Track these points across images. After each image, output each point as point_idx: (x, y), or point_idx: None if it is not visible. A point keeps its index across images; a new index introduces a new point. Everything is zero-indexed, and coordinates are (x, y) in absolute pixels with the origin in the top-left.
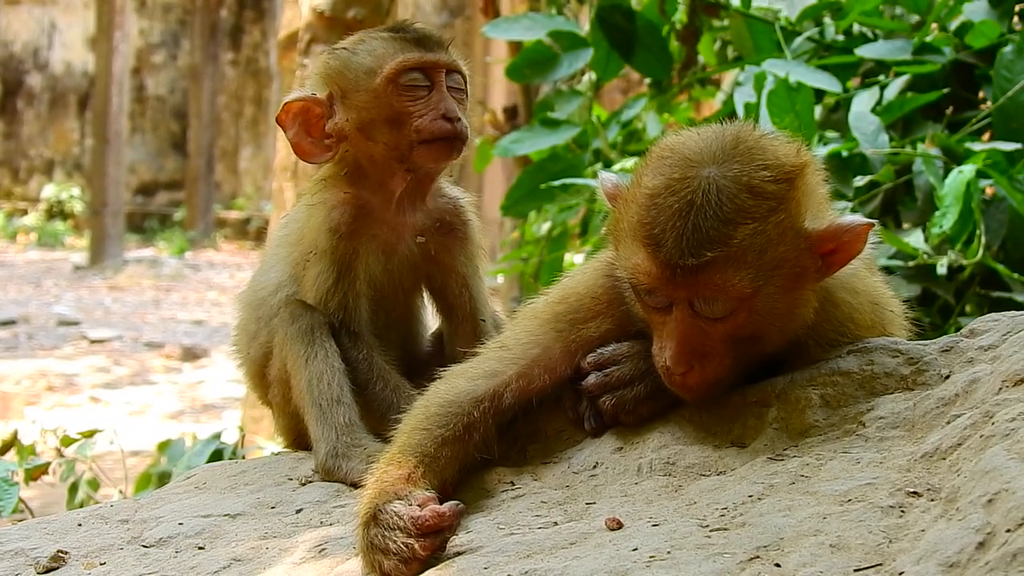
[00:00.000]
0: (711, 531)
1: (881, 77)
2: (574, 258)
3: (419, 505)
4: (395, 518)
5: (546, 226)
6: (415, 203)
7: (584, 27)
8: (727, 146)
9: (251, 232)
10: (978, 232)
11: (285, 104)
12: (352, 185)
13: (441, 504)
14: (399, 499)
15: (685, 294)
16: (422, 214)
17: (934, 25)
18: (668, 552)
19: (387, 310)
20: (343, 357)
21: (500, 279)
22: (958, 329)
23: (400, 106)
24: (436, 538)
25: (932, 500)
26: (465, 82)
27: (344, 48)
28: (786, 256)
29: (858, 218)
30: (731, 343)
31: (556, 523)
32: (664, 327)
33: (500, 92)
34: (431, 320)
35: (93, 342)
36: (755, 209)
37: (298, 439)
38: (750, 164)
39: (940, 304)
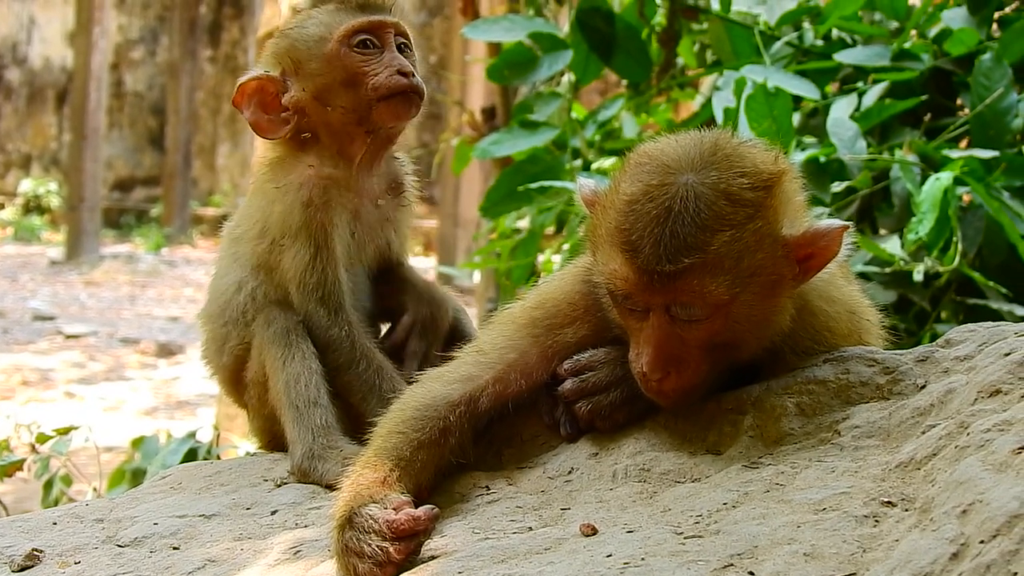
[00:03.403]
0: (685, 538)
1: (859, 83)
2: (551, 257)
3: (394, 509)
4: (370, 521)
5: (521, 223)
6: (372, 167)
7: (564, 29)
8: (705, 153)
9: None
10: (955, 239)
11: (240, 85)
12: (314, 159)
13: (416, 508)
14: (374, 503)
15: (662, 300)
16: (378, 178)
17: (913, 32)
18: (642, 559)
19: (353, 279)
20: (324, 337)
21: (476, 277)
22: (934, 336)
23: (354, 66)
24: (411, 542)
25: (906, 510)
26: (410, 43)
27: (293, 26)
28: (763, 263)
29: (834, 222)
30: (707, 350)
31: (531, 528)
32: (641, 333)
33: (478, 93)
34: None
35: (68, 337)
36: (733, 216)
37: (273, 441)
38: (728, 171)
39: (916, 311)
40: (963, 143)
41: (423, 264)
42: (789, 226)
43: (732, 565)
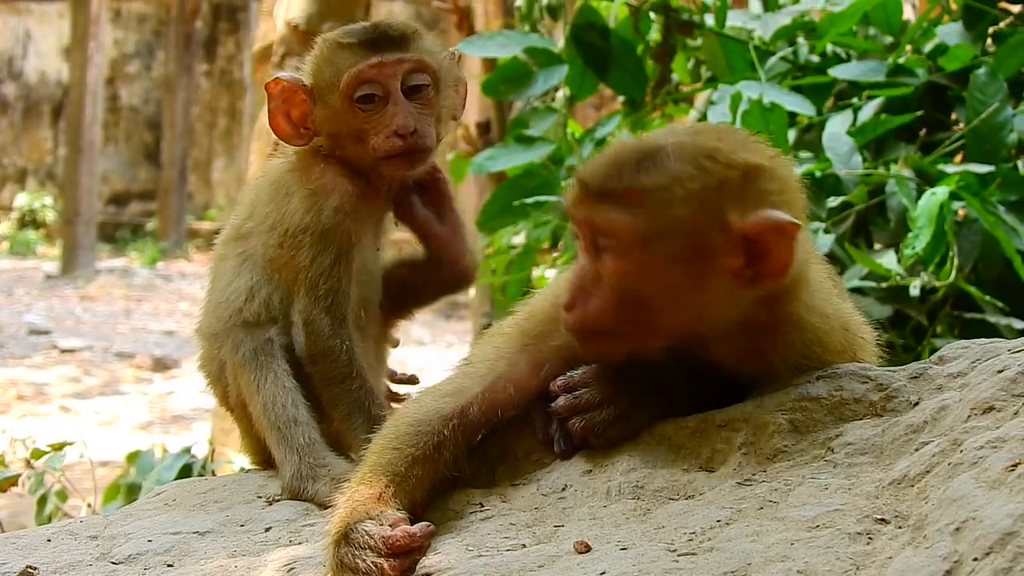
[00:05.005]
0: (679, 555)
1: (855, 98)
2: (546, 272)
3: (390, 525)
4: (366, 537)
5: (516, 238)
6: (392, 188)
7: (559, 44)
8: (700, 127)
9: None
10: (951, 254)
11: (276, 78)
12: (344, 170)
13: (412, 525)
14: (370, 519)
15: (585, 219)
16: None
17: (908, 47)
18: None
19: (369, 294)
20: (323, 346)
21: (472, 292)
22: (932, 351)
23: (357, 123)
24: (406, 559)
25: (900, 527)
26: (431, 74)
27: (327, 44)
28: (693, 226)
29: (785, 215)
30: (618, 297)
31: (524, 545)
32: None
33: (473, 108)
34: None
35: (64, 351)
36: (679, 170)
37: (268, 460)
38: (704, 138)
39: (913, 326)
40: (958, 158)
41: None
42: (740, 215)
43: None
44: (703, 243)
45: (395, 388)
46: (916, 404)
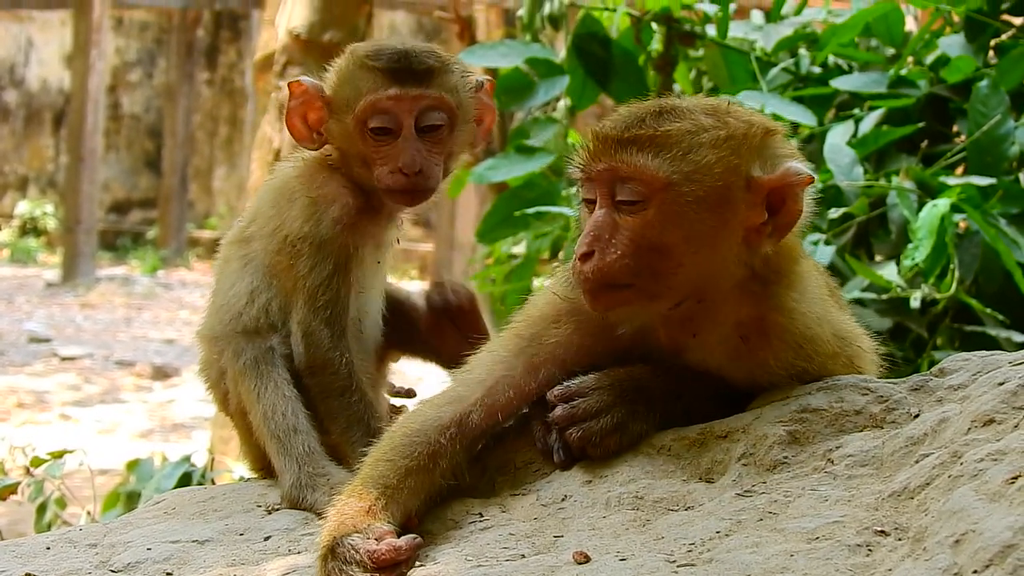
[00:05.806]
0: (678, 566)
1: (856, 110)
2: (546, 283)
3: (376, 539)
4: (352, 552)
5: (517, 248)
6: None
7: (560, 55)
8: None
9: None
10: (951, 266)
11: (298, 80)
12: (349, 182)
13: (400, 538)
14: (357, 532)
15: (606, 169)
16: (399, 216)
17: (910, 58)
18: None
19: (366, 315)
20: (322, 358)
21: None
22: (931, 363)
23: (367, 150)
24: (392, 572)
25: (899, 539)
26: (448, 112)
27: (353, 59)
28: (716, 174)
29: (804, 168)
30: (637, 245)
31: (524, 556)
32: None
33: None
34: None
35: (64, 359)
36: (702, 121)
37: (267, 467)
38: (717, 101)
39: (913, 337)
40: (960, 170)
41: (418, 287)
42: (764, 171)
43: None
44: (726, 193)
45: (392, 401)
46: (916, 416)
